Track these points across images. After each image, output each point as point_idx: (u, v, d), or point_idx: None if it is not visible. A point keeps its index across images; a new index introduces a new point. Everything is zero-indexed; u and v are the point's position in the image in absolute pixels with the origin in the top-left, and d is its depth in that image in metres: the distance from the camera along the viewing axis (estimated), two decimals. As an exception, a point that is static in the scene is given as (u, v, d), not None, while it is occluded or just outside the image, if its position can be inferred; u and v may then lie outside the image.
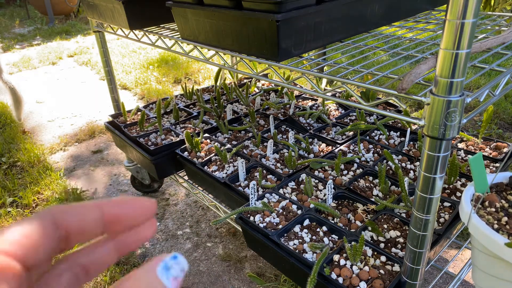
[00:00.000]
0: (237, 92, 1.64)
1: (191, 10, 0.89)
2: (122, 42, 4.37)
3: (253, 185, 0.98)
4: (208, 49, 0.95)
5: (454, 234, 1.08)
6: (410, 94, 0.60)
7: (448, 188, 1.05)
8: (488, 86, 0.64)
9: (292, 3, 0.70)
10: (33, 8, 6.29)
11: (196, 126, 1.50)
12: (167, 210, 1.66)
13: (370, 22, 0.93)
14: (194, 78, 3.16)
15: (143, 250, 1.45)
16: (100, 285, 1.29)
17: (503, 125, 2.15)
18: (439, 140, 0.56)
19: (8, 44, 4.55)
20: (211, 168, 1.23)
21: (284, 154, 1.27)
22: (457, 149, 1.22)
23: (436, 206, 0.63)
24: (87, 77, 3.43)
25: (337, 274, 0.81)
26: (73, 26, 5.29)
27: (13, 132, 2.38)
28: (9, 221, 1.60)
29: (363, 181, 1.11)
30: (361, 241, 0.81)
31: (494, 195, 0.74)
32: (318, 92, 0.75)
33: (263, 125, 1.51)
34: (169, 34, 1.14)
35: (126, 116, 1.58)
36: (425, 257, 0.68)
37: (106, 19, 1.30)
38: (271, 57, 0.76)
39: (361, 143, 1.29)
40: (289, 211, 1.00)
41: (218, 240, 1.47)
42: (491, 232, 0.64)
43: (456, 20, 0.48)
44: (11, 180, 1.87)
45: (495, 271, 0.68)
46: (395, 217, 0.96)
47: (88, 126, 2.47)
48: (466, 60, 0.51)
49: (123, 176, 1.93)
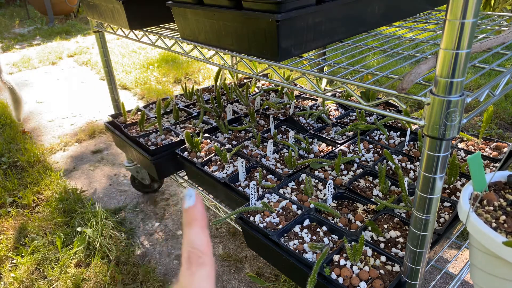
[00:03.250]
0: (237, 92, 1.64)
1: (191, 10, 0.89)
2: (122, 42, 4.37)
3: (253, 185, 0.98)
4: (208, 49, 0.95)
5: (454, 234, 1.08)
6: (410, 94, 0.60)
7: (448, 188, 1.05)
8: (488, 86, 0.64)
9: (292, 3, 0.70)
10: (33, 8, 6.29)
11: (196, 126, 1.50)
12: (167, 210, 1.66)
13: (370, 22, 0.93)
14: (194, 78, 3.16)
15: (143, 250, 1.45)
16: (100, 285, 1.29)
17: (503, 125, 2.15)
18: (439, 140, 0.56)
19: (8, 44, 4.55)
20: (211, 168, 1.23)
21: (284, 154, 1.27)
22: (457, 149, 1.22)
23: (436, 206, 0.63)
24: (87, 77, 3.43)
25: (337, 274, 0.81)
26: (73, 26, 5.29)
27: (13, 132, 2.38)
28: (9, 221, 1.60)
29: (363, 181, 1.11)
30: (361, 241, 0.81)
31: (492, 194, 0.74)
32: (318, 92, 0.75)
33: (263, 125, 1.51)
34: (169, 34, 1.14)
35: (126, 116, 1.58)
36: (425, 257, 0.68)
37: (106, 19, 1.30)
38: (271, 57, 0.76)
39: (361, 143, 1.29)
40: (289, 211, 1.00)
41: (218, 240, 1.47)
42: (489, 231, 0.64)
43: (456, 20, 0.48)
44: (11, 180, 1.87)
45: (493, 270, 0.68)
46: (395, 217, 0.96)
47: (88, 126, 2.47)
48: (466, 60, 0.51)
49: (123, 176, 1.93)
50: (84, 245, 1.44)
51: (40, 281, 1.32)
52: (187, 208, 0.28)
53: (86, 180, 1.92)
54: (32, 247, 1.45)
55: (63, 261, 1.38)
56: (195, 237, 0.27)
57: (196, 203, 0.28)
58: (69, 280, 1.30)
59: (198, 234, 0.27)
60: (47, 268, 1.36)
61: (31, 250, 1.44)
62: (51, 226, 1.57)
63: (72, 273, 1.33)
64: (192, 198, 0.28)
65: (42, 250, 1.44)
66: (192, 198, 0.28)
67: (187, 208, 0.28)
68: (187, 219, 0.28)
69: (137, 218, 1.63)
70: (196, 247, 0.27)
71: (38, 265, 1.39)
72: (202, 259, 0.26)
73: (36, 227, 1.56)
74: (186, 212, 0.28)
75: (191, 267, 0.26)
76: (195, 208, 0.28)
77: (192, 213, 0.28)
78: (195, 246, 0.27)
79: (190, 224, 0.27)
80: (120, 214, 1.65)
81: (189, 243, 0.27)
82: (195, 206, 0.28)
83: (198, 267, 0.26)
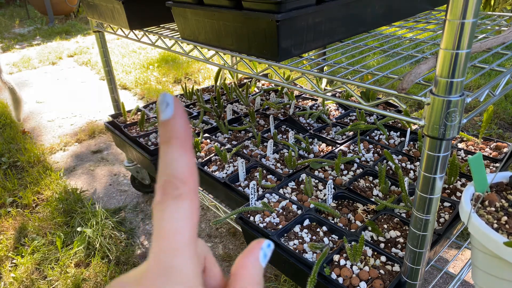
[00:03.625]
0: (237, 92, 1.64)
1: (191, 10, 0.89)
2: (122, 42, 4.37)
3: (253, 185, 0.98)
4: (208, 49, 0.95)
5: (454, 234, 1.08)
6: (410, 94, 0.60)
7: (448, 188, 1.05)
8: (488, 86, 0.64)
9: (292, 3, 0.70)
10: (33, 8, 6.29)
11: (196, 126, 1.50)
12: (167, 210, 1.66)
13: (370, 22, 0.93)
14: (194, 78, 3.16)
15: (143, 251, 1.45)
16: (100, 285, 1.29)
17: (503, 125, 2.15)
18: (439, 140, 0.56)
19: (8, 44, 4.55)
20: (211, 168, 1.23)
21: (284, 154, 1.27)
22: (457, 149, 1.22)
23: (436, 206, 0.63)
24: (87, 77, 3.43)
25: (337, 274, 0.81)
26: (73, 26, 5.29)
27: (13, 132, 2.38)
28: (9, 221, 1.60)
29: (363, 181, 1.11)
30: (361, 241, 0.81)
31: (494, 195, 0.74)
32: (318, 92, 0.75)
33: (263, 125, 1.51)
34: (169, 34, 1.14)
35: (126, 116, 1.58)
36: (425, 257, 0.68)
37: (106, 19, 1.30)
38: (271, 57, 0.76)
39: (361, 143, 1.29)
40: (289, 211, 1.00)
41: (218, 240, 1.47)
42: (491, 232, 0.64)
43: (456, 20, 0.48)
44: (11, 180, 1.87)
45: (494, 271, 0.68)
46: (395, 217, 0.96)
47: (88, 126, 2.47)
48: (466, 60, 0.51)
49: (123, 176, 1.93)
50: (84, 245, 1.44)
51: (40, 281, 1.32)
52: (163, 121, 0.20)
53: (86, 180, 1.92)
54: (32, 247, 1.45)
55: (63, 261, 1.38)
56: (173, 160, 0.20)
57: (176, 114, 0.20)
58: (69, 280, 1.30)
59: (179, 157, 0.20)
60: (47, 268, 1.36)
61: (31, 250, 1.44)
62: (51, 226, 1.57)
63: (72, 273, 1.33)
64: (170, 106, 0.20)
65: (42, 250, 1.44)
66: (170, 106, 0.20)
67: (164, 121, 0.20)
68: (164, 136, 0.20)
69: (137, 218, 1.63)
70: (174, 173, 0.20)
71: (38, 265, 1.39)
72: (179, 191, 0.20)
73: (36, 227, 1.56)
74: (162, 126, 0.20)
75: (164, 200, 0.20)
76: (175, 120, 0.20)
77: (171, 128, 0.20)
78: (173, 172, 0.20)
79: (168, 142, 0.20)
80: (120, 214, 1.65)
81: (165, 168, 0.20)
82: (175, 118, 0.20)
83: (173, 200, 0.19)
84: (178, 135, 0.20)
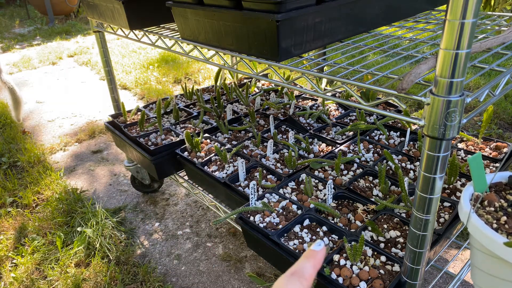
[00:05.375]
0: (237, 92, 1.64)
1: (191, 10, 0.89)
2: (122, 42, 4.37)
3: (253, 185, 0.98)
4: (208, 49, 0.95)
5: (454, 234, 1.08)
6: (410, 94, 0.60)
7: (448, 188, 1.05)
8: (488, 86, 0.64)
9: (292, 3, 0.70)
10: (33, 8, 6.29)
11: (196, 126, 1.50)
12: (167, 210, 1.66)
13: (370, 22, 0.93)
14: (194, 78, 3.16)
15: (143, 250, 1.45)
16: (100, 285, 1.29)
17: (503, 125, 2.15)
18: (439, 140, 0.56)
19: (8, 44, 4.55)
20: (211, 168, 1.23)
21: (284, 154, 1.27)
22: (457, 149, 1.22)
23: (436, 206, 0.63)
24: (87, 77, 3.43)
25: (337, 274, 0.81)
26: (73, 26, 5.29)
27: (13, 132, 2.38)
28: (9, 221, 1.60)
29: (363, 181, 1.11)
30: (361, 241, 0.81)
31: (493, 195, 0.74)
32: (318, 92, 0.75)
33: (263, 125, 1.51)
34: (169, 34, 1.14)
35: (126, 116, 1.58)
36: (425, 257, 0.68)
37: (106, 19, 1.30)
38: (271, 57, 0.76)
39: (361, 143, 1.29)
40: (289, 211, 1.00)
41: (218, 240, 1.47)
42: (490, 232, 0.64)
43: (456, 20, 0.48)
44: (11, 180, 1.87)
45: (494, 271, 0.68)
46: (395, 217, 0.96)
47: (88, 126, 2.47)
48: (466, 60, 0.51)
49: (123, 176, 1.93)
50: (84, 245, 1.44)
51: (40, 281, 1.32)
52: (313, 249, 0.37)
53: (86, 180, 1.92)
54: (32, 247, 1.45)
55: (63, 261, 1.38)
56: (307, 266, 0.35)
57: (321, 251, 0.36)
58: (69, 280, 1.30)
59: (310, 267, 0.35)
60: (47, 268, 1.36)
61: (31, 250, 1.44)
62: (51, 226, 1.57)
63: (72, 273, 1.33)
64: (320, 246, 0.37)
65: (42, 250, 1.44)
66: (321, 246, 0.37)
67: (313, 249, 0.37)
68: (308, 254, 0.36)
69: (137, 218, 1.63)
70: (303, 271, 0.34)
71: (38, 265, 1.39)
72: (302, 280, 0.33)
73: (36, 227, 1.56)
74: (310, 250, 0.37)
75: (291, 276, 0.34)
76: (318, 252, 0.36)
77: (314, 253, 0.36)
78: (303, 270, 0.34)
79: (308, 258, 0.36)
80: (120, 214, 1.65)
81: (300, 266, 0.35)
82: (319, 252, 0.36)
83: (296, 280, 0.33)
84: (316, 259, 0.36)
